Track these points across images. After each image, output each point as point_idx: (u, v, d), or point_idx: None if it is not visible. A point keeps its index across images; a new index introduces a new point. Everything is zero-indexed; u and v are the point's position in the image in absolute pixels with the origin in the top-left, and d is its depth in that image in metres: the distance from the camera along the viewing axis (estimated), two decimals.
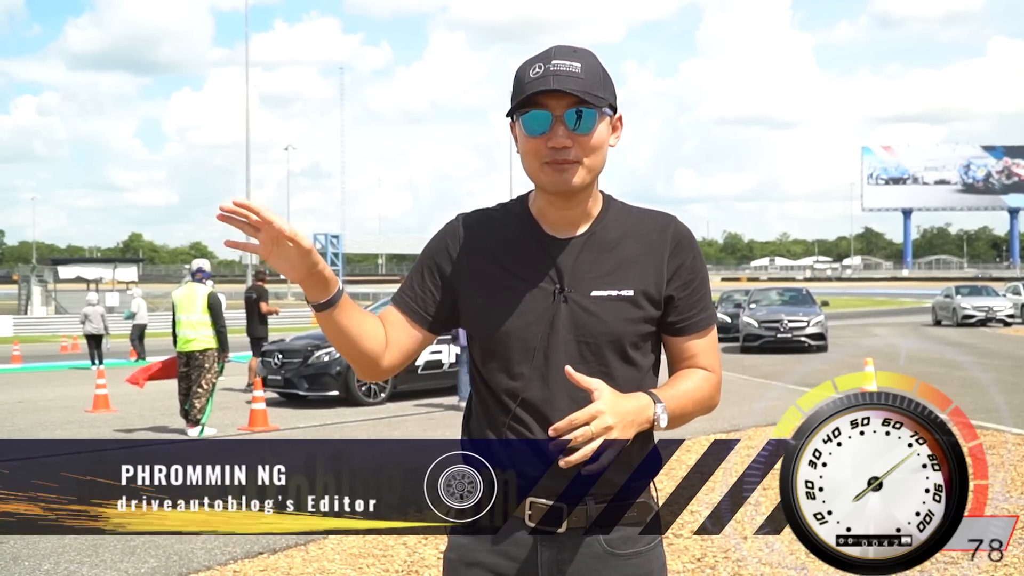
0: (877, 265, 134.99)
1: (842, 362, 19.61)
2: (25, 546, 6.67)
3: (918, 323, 38.16)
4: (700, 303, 2.25)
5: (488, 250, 2.25)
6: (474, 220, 2.31)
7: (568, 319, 2.16)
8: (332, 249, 73.06)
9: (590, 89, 2.09)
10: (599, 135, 2.14)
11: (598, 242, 2.22)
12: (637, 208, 2.30)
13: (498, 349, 2.20)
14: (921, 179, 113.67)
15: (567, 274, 2.19)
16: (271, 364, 14.97)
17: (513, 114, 2.17)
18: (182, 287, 12.71)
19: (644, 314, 2.19)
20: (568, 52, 2.13)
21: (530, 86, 2.09)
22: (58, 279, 51.36)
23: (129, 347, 26.00)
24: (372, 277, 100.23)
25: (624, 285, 2.18)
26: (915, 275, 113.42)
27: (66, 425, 13.14)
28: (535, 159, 2.15)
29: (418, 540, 6.43)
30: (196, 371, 12.07)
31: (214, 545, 6.61)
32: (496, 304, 2.20)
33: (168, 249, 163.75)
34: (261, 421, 12.55)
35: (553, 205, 2.22)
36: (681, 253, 2.23)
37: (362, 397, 14.77)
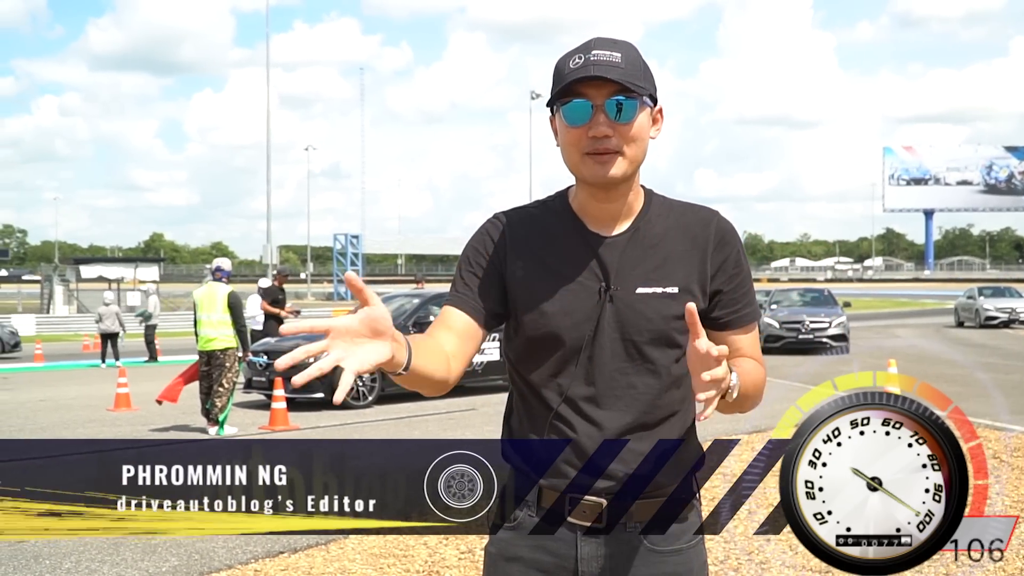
0: (899, 266, 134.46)
1: (864, 363, 19.50)
2: (46, 544, 6.68)
3: (940, 324, 37.94)
4: (745, 298, 2.23)
5: (530, 247, 2.22)
6: (513, 218, 2.28)
7: (613, 317, 2.14)
8: (352, 249, 73.29)
9: (631, 78, 2.07)
10: (640, 125, 2.11)
11: (642, 238, 2.19)
12: (679, 202, 2.28)
13: (543, 348, 2.18)
14: (943, 180, 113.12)
15: (612, 272, 2.16)
16: (256, 365, 14.59)
17: (553, 104, 2.15)
18: (203, 287, 12.74)
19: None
20: (608, 43, 2.11)
21: (570, 75, 2.08)
22: (80, 278, 51.62)
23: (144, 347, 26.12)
24: (392, 277, 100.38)
25: (669, 281, 2.15)
26: (937, 276, 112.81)
27: (88, 424, 13.19)
28: (576, 150, 2.12)
29: (439, 540, 6.41)
30: (217, 370, 12.10)
31: (235, 544, 6.60)
32: (541, 302, 2.18)
33: (189, 249, 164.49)
34: (282, 420, 12.56)
35: (595, 198, 2.19)
36: (725, 248, 2.20)
37: (348, 400, 14.33)
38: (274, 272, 17.39)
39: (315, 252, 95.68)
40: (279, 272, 18.21)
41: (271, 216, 47.30)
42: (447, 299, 2.26)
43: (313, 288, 76.27)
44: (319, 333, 1.79)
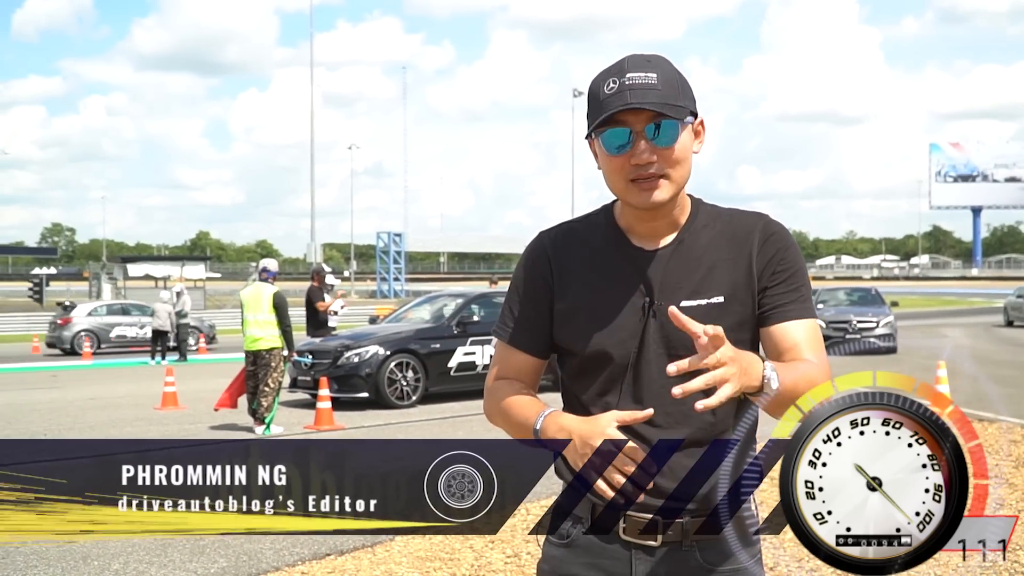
0: (946, 264, 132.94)
1: (912, 364, 19.27)
2: (95, 545, 6.74)
3: (989, 323, 37.48)
4: (796, 292, 2.13)
5: (575, 267, 2.20)
6: (558, 237, 2.25)
7: (658, 333, 2.09)
8: (395, 247, 73.60)
9: (668, 100, 2.03)
10: (682, 146, 2.07)
11: (686, 250, 2.15)
12: (727, 210, 2.23)
13: (591, 366, 2.15)
14: (991, 176, 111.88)
15: (656, 286, 2.12)
16: (301, 365, 14.66)
17: (591, 133, 2.11)
18: (250, 286, 12.83)
19: (737, 319, 2.09)
20: (642, 62, 2.06)
21: (606, 103, 2.04)
22: (127, 276, 52.26)
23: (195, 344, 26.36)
24: (434, 275, 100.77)
25: (713, 292, 2.10)
26: (984, 274, 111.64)
27: (136, 422, 13.31)
28: (620, 177, 2.09)
29: (485, 543, 6.40)
30: (263, 370, 12.17)
31: (282, 545, 6.63)
32: (587, 321, 2.15)
33: (235, 247, 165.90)
34: (327, 420, 12.61)
35: (641, 219, 2.16)
36: (770, 247, 2.14)
37: (392, 400, 14.56)
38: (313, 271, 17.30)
39: (358, 250, 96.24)
40: (314, 272, 17.97)
41: (315, 214, 47.52)
42: (503, 333, 2.29)
43: (356, 286, 76.62)
44: None
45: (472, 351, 15.59)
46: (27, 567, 6.36)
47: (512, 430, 2.18)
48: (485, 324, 15.75)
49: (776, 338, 2.11)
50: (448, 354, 15.32)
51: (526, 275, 2.26)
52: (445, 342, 15.38)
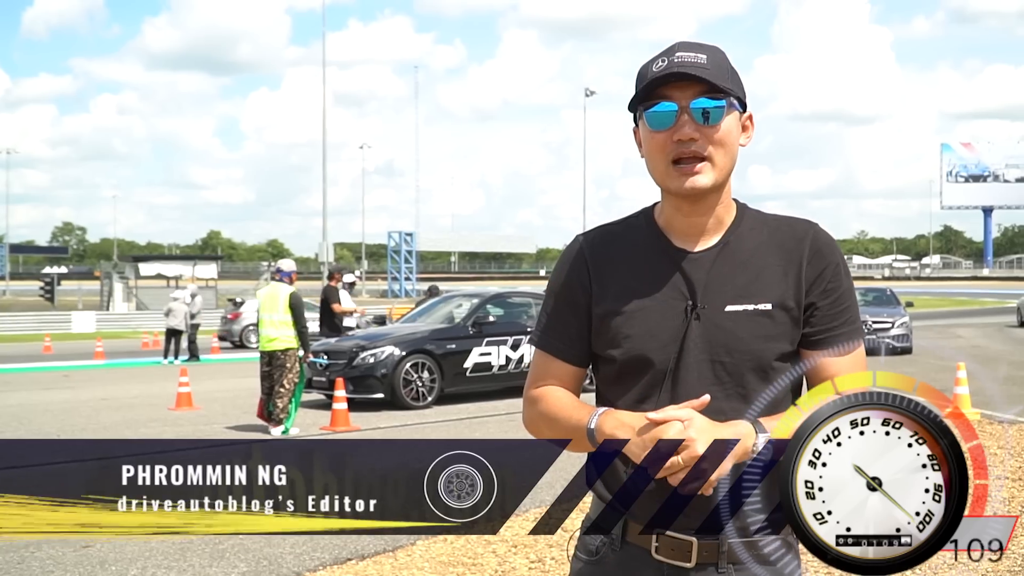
0: (957, 264, 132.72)
1: (928, 364, 19.13)
2: (112, 549, 6.68)
3: (1002, 324, 37.30)
4: (843, 315, 2.07)
5: (615, 269, 2.12)
6: (597, 239, 2.18)
7: (701, 337, 2.01)
8: (406, 247, 73.63)
9: (717, 79, 1.97)
10: (727, 130, 2.01)
11: (732, 253, 2.07)
12: (774, 216, 2.16)
13: (628, 372, 2.07)
14: (1002, 176, 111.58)
15: (699, 289, 2.04)
16: (316, 365, 14.55)
17: (636, 109, 2.05)
18: (266, 287, 12.78)
19: (783, 329, 2.02)
20: (694, 46, 2.03)
21: (653, 77, 1.99)
22: (139, 275, 52.31)
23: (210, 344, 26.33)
24: (445, 274, 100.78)
25: (761, 298, 2.02)
26: (996, 274, 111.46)
27: (150, 423, 13.26)
28: (661, 156, 2.02)
29: (508, 548, 6.33)
30: (278, 371, 12.12)
31: (303, 550, 6.56)
32: (625, 325, 2.06)
33: (246, 246, 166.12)
34: (343, 421, 12.55)
35: (681, 211, 2.08)
36: (820, 260, 2.06)
37: (408, 401, 14.47)
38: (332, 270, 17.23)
39: (369, 249, 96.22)
40: (330, 272, 17.93)
41: (327, 214, 47.45)
42: (542, 341, 2.21)
43: (368, 286, 76.63)
44: None
45: (488, 351, 15.51)
46: (43, 572, 6.30)
47: (559, 435, 2.07)
48: (501, 324, 15.72)
49: (820, 366, 2.04)
50: (464, 354, 15.25)
51: (563, 280, 2.18)
52: (461, 342, 15.31)
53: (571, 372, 2.18)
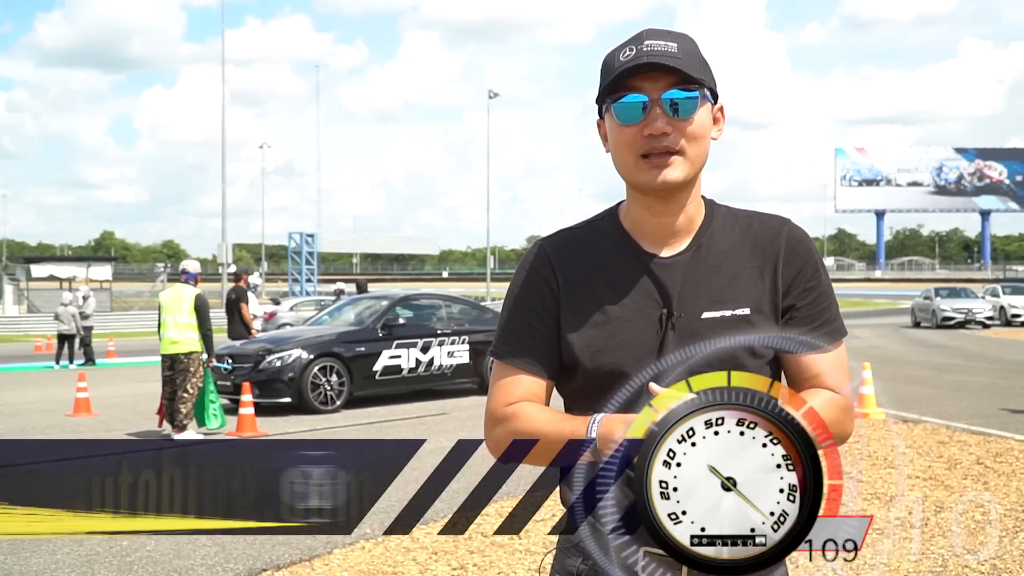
0: (850, 266, 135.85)
1: None
2: (16, 562, 6.40)
3: (897, 324, 38.26)
4: (824, 314, 1.99)
5: (583, 276, 2.00)
6: (562, 245, 2.05)
7: (678, 347, 1.89)
8: (307, 248, 72.75)
9: (689, 69, 1.87)
10: (700, 123, 1.91)
11: (705, 256, 1.97)
12: (745, 212, 2.06)
13: (601, 385, 1.92)
14: (894, 181, 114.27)
15: (674, 296, 1.93)
16: (221, 369, 14.15)
17: (603, 102, 1.94)
18: (170, 288, 12.42)
19: (761, 334, 1.94)
20: (663, 33, 1.93)
21: (620, 67, 1.87)
22: (31, 277, 50.83)
23: (105, 348, 25.65)
24: (347, 276, 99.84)
25: (738, 303, 1.94)
26: (888, 276, 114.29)
27: (48, 430, 12.80)
28: (630, 152, 1.91)
29: (428, 556, 6.20)
30: (181, 375, 11.76)
31: (215, 562, 6.34)
32: (597, 337, 1.95)
33: (140, 247, 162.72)
34: (250, 426, 12.25)
35: (651, 211, 1.97)
36: (797, 260, 1.98)
37: (316, 405, 14.19)
38: (231, 273, 16.88)
39: (269, 251, 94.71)
40: (235, 273, 17.51)
41: (226, 214, 46.53)
42: (506, 352, 2.04)
43: (268, 288, 75.50)
44: None
45: (398, 354, 15.31)
46: None
47: (545, 454, 1.87)
48: (411, 327, 15.53)
49: (801, 367, 1.97)
50: (373, 357, 15.02)
51: (529, 287, 2.03)
52: (370, 345, 15.08)
53: (542, 386, 2.02)
